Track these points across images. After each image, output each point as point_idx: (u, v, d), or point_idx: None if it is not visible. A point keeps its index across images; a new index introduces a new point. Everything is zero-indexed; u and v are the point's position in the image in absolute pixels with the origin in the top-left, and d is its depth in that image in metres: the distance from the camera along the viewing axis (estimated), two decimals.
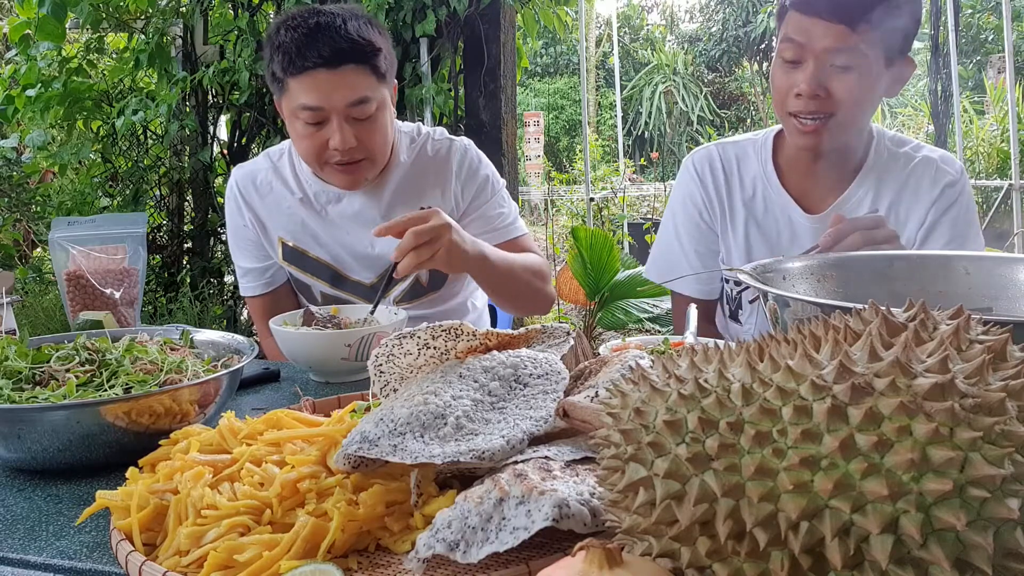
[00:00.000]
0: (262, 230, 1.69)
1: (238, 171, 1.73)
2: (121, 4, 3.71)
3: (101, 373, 1.02)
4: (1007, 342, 0.50)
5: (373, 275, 1.67)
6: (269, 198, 1.67)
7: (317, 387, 1.33)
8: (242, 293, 1.78)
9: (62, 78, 3.68)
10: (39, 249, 4.36)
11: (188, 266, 3.96)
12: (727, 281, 1.61)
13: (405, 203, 1.63)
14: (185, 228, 4.01)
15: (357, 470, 0.75)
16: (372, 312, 1.43)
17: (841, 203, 1.48)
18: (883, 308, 0.53)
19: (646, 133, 13.73)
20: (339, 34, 1.44)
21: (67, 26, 3.65)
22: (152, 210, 4.00)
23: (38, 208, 3.95)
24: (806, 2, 1.33)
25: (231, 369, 1.04)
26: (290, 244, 1.68)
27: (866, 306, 0.55)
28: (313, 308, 1.44)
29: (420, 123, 1.77)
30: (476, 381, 0.80)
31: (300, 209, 1.65)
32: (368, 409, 0.88)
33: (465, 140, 1.71)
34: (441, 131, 1.71)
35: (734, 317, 1.62)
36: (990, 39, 10.41)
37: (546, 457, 0.70)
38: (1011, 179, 5.68)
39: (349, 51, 1.44)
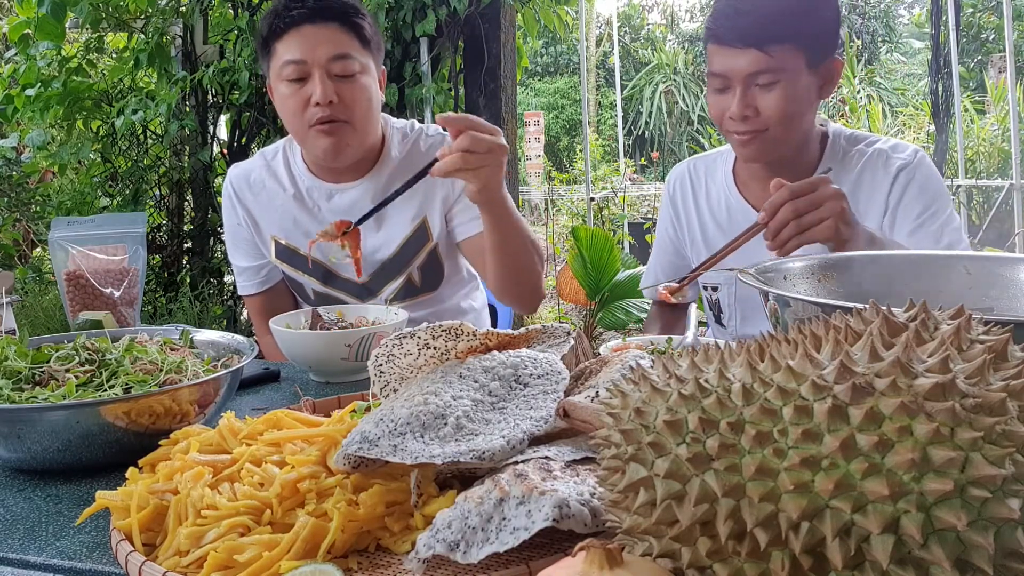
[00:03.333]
0: (255, 228, 1.69)
1: (233, 170, 1.74)
2: (121, 4, 3.71)
3: (101, 373, 1.02)
4: (1008, 342, 0.50)
5: (364, 274, 1.67)
6: (262, 196, 1.68)
7: (317, 387, 1.33)
8: (239, 292, 1.79)
9: (62, 78, 3.68)
10: (39, 249, 4.36)
11: (188, 266, 3.96)
12: (705, 288, 1.67)
13: (395, 201, 1.61)
14: (185, 228, 4.01)
15: (357, 470, 0.75)
16: (360, 222, 1.44)
17: None
18: (884, 308, 0.53)
19: (646, 133, 13.73)
20: None
21: (67, 26, 3.65)
22: (152, 210, 4.00)
23: (38, 208, 3.95)
24: (716, 35, 1.41)
25: (231, 369, 1.04)
26: (282, 242, 1.68)
27: (867, 306, 0.55)
28: (321, 310, 1.44)
29: (415, 120, 1.77)
30: (476, 381, 0.80)
31: (292, 206, 1.65)
32: (368, 409, 0.88)
33: None
34: (435, 127, 1.70)
35: (719, 321, 1.66)
36: (991, 39, 10.41)
37: (546, 457, 0.70)
38: (1012, 179, 5.68)
39: (333, 8, 1.49)
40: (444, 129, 1.61)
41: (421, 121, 3.51)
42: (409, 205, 1.63)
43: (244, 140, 3.73)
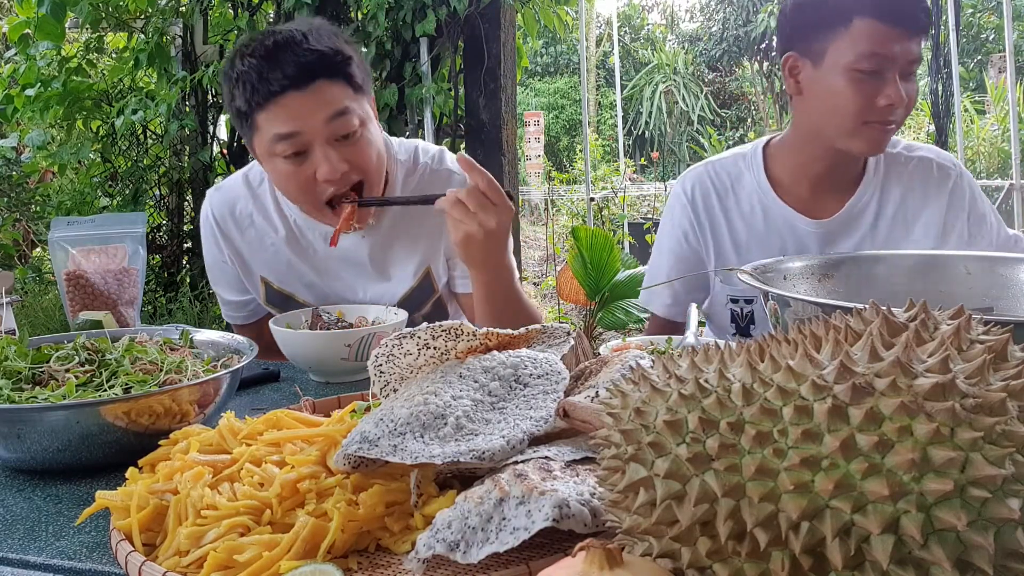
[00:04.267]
0: (243, 267, 1.54)
1: (214, 196, 1.56)
2: (121, 4, 3.71)
3: (101, 373, 1.02)
4: (1008, 342, 0.50)
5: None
6: (250, 232, 1.52)
7: (317, 387, 1.33)
8: (225, 318, 1.66)
9: (61, 78, 3.68)
10: (39, 249, 4.36)
11: (188, 266, 3.96)
12: (735, 301, 1.61)
13: (402, 243, 1.50)
14: (185, 228, 4.01)
15: (357, 470, 0.75)
16: (358, 203, 1.35)
17: (850, 207, 1.49)
18: (884, 308, 0.53)
19: (646, 133, 13.73)
20: (302, 48, 1.27)
21: (66, 26, 3.65)
22: (152, 210, 4.00)
23: (38, 208, 3.95)
24: (888, 15, 1.30)
25: (231, 369, 1.04)
26: (275, 286, 1.54)
27: (867, 306, 0.55)
28: (321, 310, 1.43)
29: (416, 142, 1.58)
30: (476, 381, 0.80)
31: (285, 249, 1.50)
32: (368, 409, 0.88)
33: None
34: (439, 157, 1.53)
35: (744, 333, 1.62)
36: (991, 39, 10.41)
37: (546, 457, 0.70)
38: (1012, 179, 5.68)
39: (317, 64, 1.27)
40: (449, 161, 1.53)
41: (421, 121, 3.53)
42: (413, 254, 1.51)
43: (244, 140, 3.73)
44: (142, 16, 3.73)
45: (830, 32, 1.35)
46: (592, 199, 6.85)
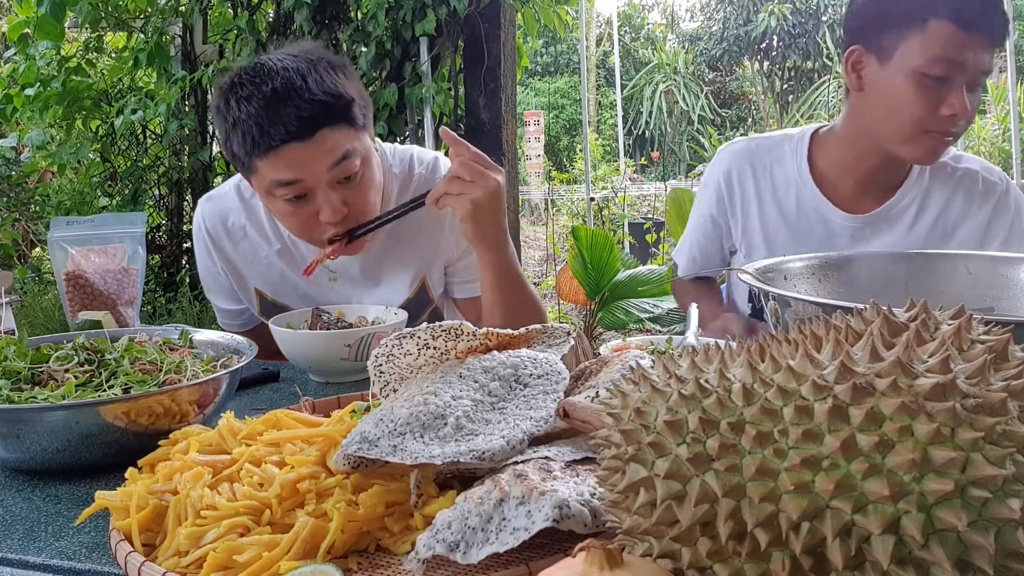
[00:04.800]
0: (236, 278, 1.54)
1: (206, 205, 1.55)
2: (120, 3, 3.71)
3: (100, 373, 1.02)
4: (1008, 342, 0.50)
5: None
6: (243, 245, 1.51)
7: (317, 387, 1.33)
8: (220, 325, 1.65)
9: (61, 77, 3.68)
10: (38, 249, 4.36)
11: (187, 266, 3.96)
12: None
13: (397, 254, 1.51)
14: (184, 228, 4.01)
15: (357, 470, 0.75)
16: (349, 237, 1.33)
17: (888, 207, 1.48)
18: (884, 308, 0.53)
19: (647, 132, 13.73)
20: (303, 98, 1.22)
21: (66, 25, 3.65)
22: (151, 210, 4.00)
23: (37, 208, 3.95)
24: (969, 18, 1.24)
25: (230, 369, 1.04)
26: (269, 298, 1.53)
27: (867, 306, 0.55)
28: (321, 309, 1.43)
29: (411, 150, 1.55)
30: (476, 381, 0.80)
31: (279, 262, 1.50)
32: (368, 409, 0.87)
33: None
34: (433, 166, 1.51)
35: (758, 315, 1.61)
36: None
37: (546, 457, 0.70)
38: (1012, 179, 5.68)
39: (320, 114, 1.23)
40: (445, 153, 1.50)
41: (421, 121, 3.52)
42: (407, 265, 1.51)
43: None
44: (142, 16, 3.73)
45: (904, 30, 1.30)
46: (592, 199, 6.85)
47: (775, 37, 13.09)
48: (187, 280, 3.88)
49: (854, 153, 1.47)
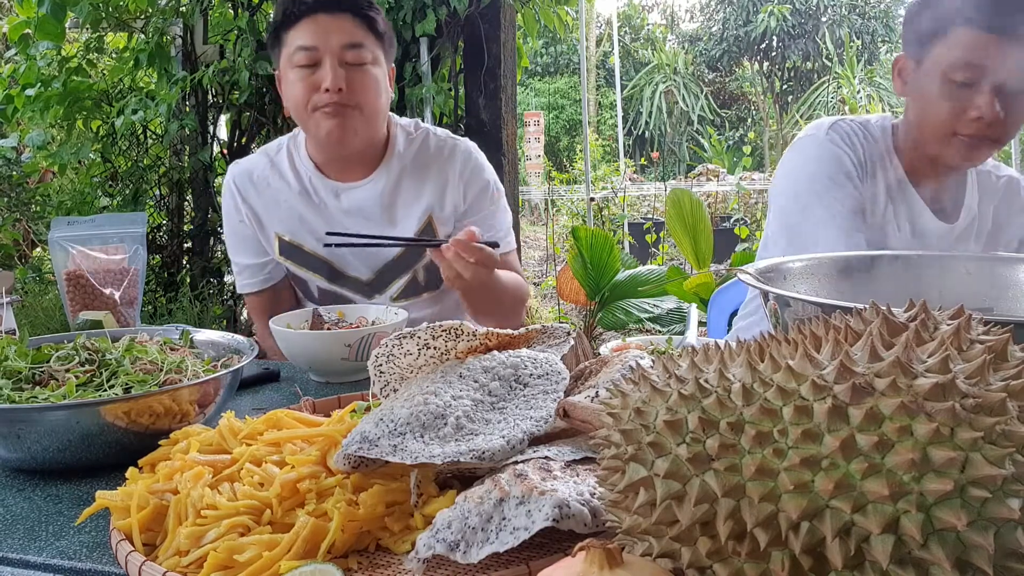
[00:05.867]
0: (259, 225, 1.68)
1: (235, 167, 1.72)
2: (121, 3, 3.70)
3: (101, 373, 1.02)
4: (1008, 342, 0.50)
5: (370, 272, 1.67)
6: (267, 193, 1.66)
7: (317, 387, 1.33)
8: (239, 290, 1.76)
9: (62, 77, 3.68)
10: (39, 249, 4.36)
11: (188, 266, 3.96)
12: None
13: (404, 197, 1.63)
14: (185, 228, 4.00)
15: (357, 470, 0.75)
16: (340, 244, 1.48)
17: (965, 214, 1.50)
18: (884, 308, 0.53)
19: (646, 133, 13.74)
20: None
21: (67, 25, 3.65)
22: (152, 210, 4.00)
23: (38, 208, 3.95)
24: (989, 21, 1.25)
25: (231, 369, 1.04)
26: (286, 239, 1.67)
27: (867, 306, 0.55)
28: (321, 310, 1.44)
29: (418, 119, 1.75)
30: (476, 381, 0.80)
31: (298, 203, 1.64)
32: (368, 409, 0.88)
33: (470, 143, 1.70)
34: (444, 131, 1.70)
35: None
36: None
37: (546, 457, 0.70)
38: None
39: (348, 2, 1.50)
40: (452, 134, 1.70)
41: (422, 121, 3.52)
42: (418, 199, 1.63)
43: (244, 140, 3.73)
44: (142, 16, 3.73)
45: (933, 36, 1.33)
46: (592, 199, 6.85)
47: (775, 37, 13.10)
48: (187, 280, 3.88)
49: (916, 154, 1.46)
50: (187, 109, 3.74)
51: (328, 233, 1.49)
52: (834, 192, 1.42)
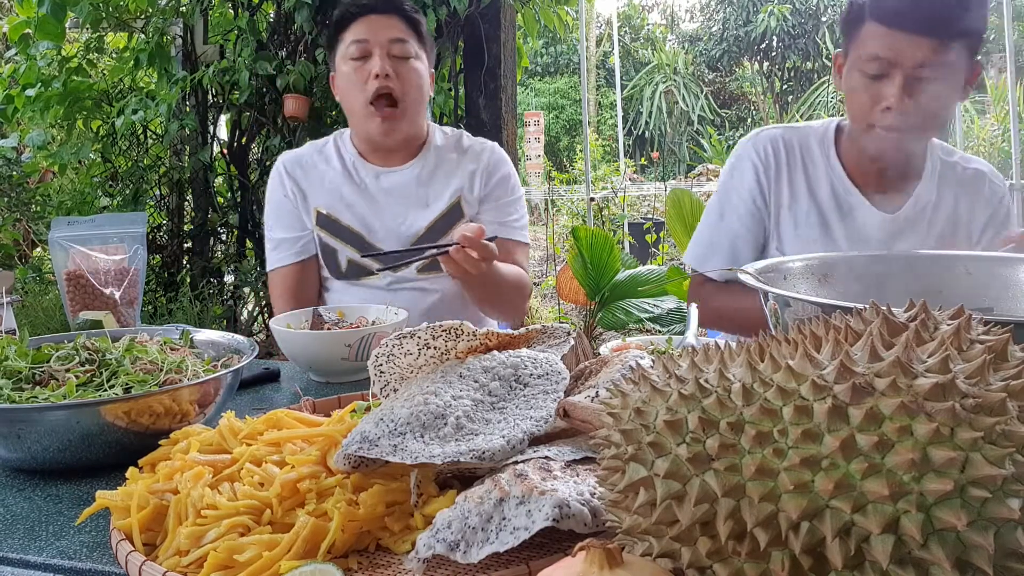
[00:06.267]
0: (302, 199, 1.82)
1: (286, 155, 1.89)
2: (121, 3, 3.70)
3: (101, 373, 1.02)
4: (1008, 342, 0.50)
5: (399, 245, 1.78)
6: (313, 173, 1.83)
7: (317, 387, 1.33)
8: (270, 266, 1.84)
9: (62, 77, 3.68)
10: (39, 249, 4.36)
11: (188, 266, 3.96)
12: None
13: (437, 180, 1.81)
14: (185, 228, 4.00)
15: (357, 470, 0.75)
16: (390, 267, 1.71)
17: (913, 203, 1.51)
18: (884, 308, 0.53)
19: (646, 133, 13.74)
20: None
21: (67, 25, 3.65)
22: (152, 210, 4.00)
23: (38, 208, 3.95)
24: (894, 16, 1.31)
25: (231, 369, 1.04)
26: (324, 212, 1.80)
27: (867, 306, 0.55)
28: (321, 310, 1.45)
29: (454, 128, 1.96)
30: (476, 381, 0.80)
31: (341, 181, 1.80)
32: (368, 409, 0.88)
33: (498, 146, 1.89)
34: (480, 139, 1.90)
35: None
36: (991, 39, 10.40)
37: (546, 457, 0.70)
38: (1012, 179, 5.68)
39: (396, 2, 1.73)
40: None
41: None
42: (450, 180, 1.79)
43: (244, 140, 3.73)
44: (142, 16, 3.73)
45: (852, 33, 1.40)
46: (592, 199, 6.85)
47: (775, 38, 13.10)
48: (187, 280, 3.88)
49: (857, 147, 1.52)
50: (187, 109, 3.74)
51: (388, 264, 1.72)
52: (731, 199, 1.60)
